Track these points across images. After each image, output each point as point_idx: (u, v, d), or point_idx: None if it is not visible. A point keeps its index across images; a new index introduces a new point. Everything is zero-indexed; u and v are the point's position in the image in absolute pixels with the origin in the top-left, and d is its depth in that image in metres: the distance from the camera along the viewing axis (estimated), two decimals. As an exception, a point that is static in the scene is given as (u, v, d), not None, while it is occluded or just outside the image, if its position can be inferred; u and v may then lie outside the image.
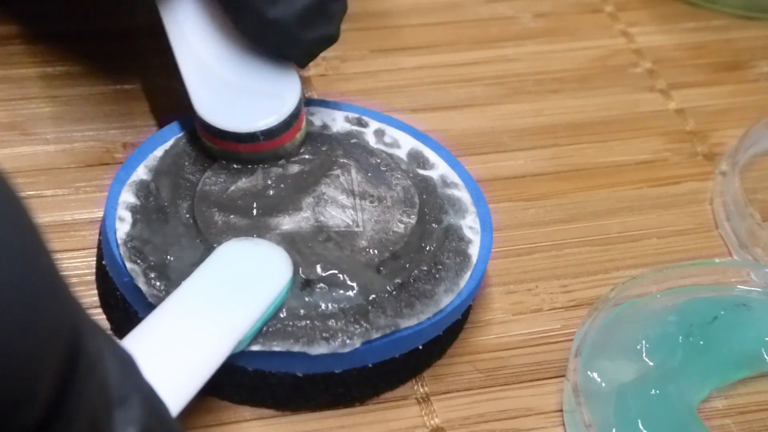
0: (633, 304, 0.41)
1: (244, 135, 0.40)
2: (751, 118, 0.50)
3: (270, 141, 0.40)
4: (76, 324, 0.23)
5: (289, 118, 0.40)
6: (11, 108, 0.46)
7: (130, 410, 0.25)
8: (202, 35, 0.41)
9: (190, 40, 0.41)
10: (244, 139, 0.40)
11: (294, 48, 0.41)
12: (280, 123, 0.40)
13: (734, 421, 0.39)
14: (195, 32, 0.41)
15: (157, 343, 0.33)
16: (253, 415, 0.38)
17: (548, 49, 0.53)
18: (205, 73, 0.41)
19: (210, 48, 0.41)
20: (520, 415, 0.39)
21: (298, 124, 0.41)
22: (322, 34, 0.41)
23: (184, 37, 0.41)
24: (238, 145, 0.40)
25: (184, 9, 0.42)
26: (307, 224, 0.39)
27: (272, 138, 0.40)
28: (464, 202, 0.41)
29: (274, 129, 0.40)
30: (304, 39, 0.40)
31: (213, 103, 0.40)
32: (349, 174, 0.41)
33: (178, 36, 0.41)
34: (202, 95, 0.40)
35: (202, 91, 0.41)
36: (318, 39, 0.41)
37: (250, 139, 0.40)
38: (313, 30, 0.40)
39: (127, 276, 0.37)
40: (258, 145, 0.40)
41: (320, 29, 0.40)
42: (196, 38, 0.41)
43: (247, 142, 0.40)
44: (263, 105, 0.40)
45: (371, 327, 0.37)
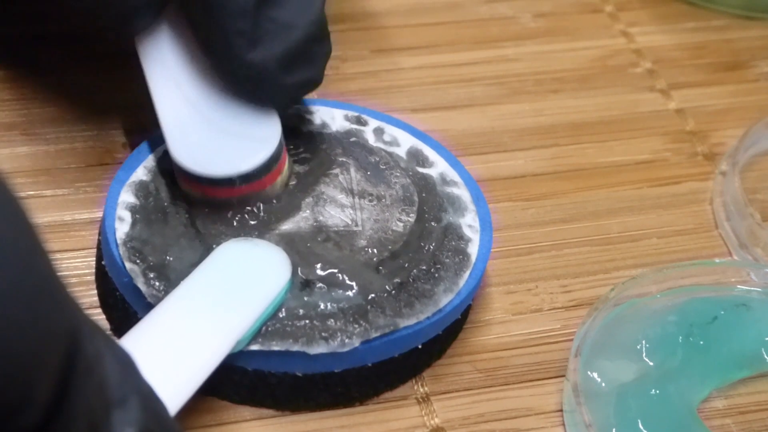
0: (633, 304, 0.41)
1: (219, 179, 0.38)
2: (751, 118, 0.50)
3: (248, 185, 0.39)
4: (75, 325, 0.23)
5: (268, 162, 0.39)
6: (11, 108, 0.46)
7: (128, 411, 0.25)
8: (180, 75, 0.40)
9: (168, 80, 0.40)
10: (219, 183, 0.38)
11: (275, 93, 0.39)
12: (259, 167, 0.39)
13: (734, 421, 0.39)
14: (173, 72, 0.40)
15: (155, 343, 0.33)
16: (253, 415, 0.38)
17: (548, 49, 0.53)
18: (182, 118, 0.39)
19: (188, 89, 0.40)
20: (520, 415, 0.39)
21: (279, 167, 0.39)
22: (304, 78, 0.39)
23: (162, 77, 0.40)
24: (215, 189, 0.39)
25: (163, 49, 0.41)
26: (306, 224, 0.39)
27: (250, 182, 0.39)
28: (464, 200, 0.41)
29: (252, 173, 0.38)
30: (285, 84, 0.39)
31: (190, 148, 0.39)
32: (348, 173, 0.41)
33: (155, 76, 0.40)
34: (178, 141, 0.39)
35: (178, 136, 0.39)
36: (300, 83, 0.39)
37: (226, 184, 0.38)
38: (294, 74, 0.39)
39: (127, 276, 0.37)
40: (235, 189, 0.38)
41: (302, 73, 0.39)
42: (174, 79, 0.40)
43: (223, 186, 0.38)
44: (241, 149, 0.39)
45: (370, 326, 0.37)
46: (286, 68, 0.38)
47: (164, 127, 0.39)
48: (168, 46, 0.41)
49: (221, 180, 0.38)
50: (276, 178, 0.39)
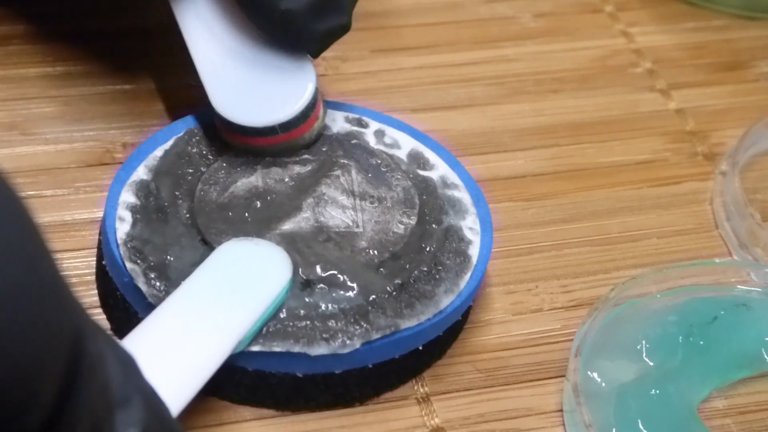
0: (633, 304, 0.41)
1: (262, 129, 0.40)
2: (751, 118, 0.50)
3: (288, 133, 0.40)
4: (78, 326, 0.23)
5: (305, 110, 0.41)
6: (11, 108, 0.46)
7: (131, 411, 0.25)
8: (215, 30, 0.42)
9: (204, 36, 0.42)
10: (263, 133, 0.40)
11: (306, 39, 0.41)
12: (297, 115, 0.40)
13: (734, 421, 0.39)
14: (208, 28, 0.42)
15: (157, 344, 0.33)
16: (253, 415, 0.38)
17: (548, 49, 0.53)
18: (220, 70, 0.41)
19: (224, 43, 0.41)
20: (520, 415, 0.39)
21: (315, 113, 0.41)
22: (334, 24, 0.41)
23: (198, 33, 0.42)
24: (258, 139, 0.40)
25: (197, 4, 0.42)
26: (307, 224, 0.39)
27: (290, 130, 0.40)
28: (464, 203, 0.41)
29: (291, 121, 0.40)
30: (316, 29, 0.40)
31: (230, 99, 0.41)
32: (349, 174, 0.41)
33: (192, 33, 0.42)
34: (219, 93, 0.41)
35: (218, 88, 0.41)
36: (330, 29, 0.41)
37: (269, 133, 0.40)
38: (324, 20, 0.40)
39: (127, 276, 0.37)
40: (277, 137, 0.40)
41: (332, 19, 0.41)
42: (210, 34, 0.42)
43: (267, 135, 0.40)
44: (280, 98, 0.41)
45: (371, 327, 0.37)
46: (316, 15, 0.40)
47: (206, 83, 0.41)
48: (202, 1, 0.42)
49: (263, 129, 0.40)
50: (313, 124, 0.41)
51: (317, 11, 0.40)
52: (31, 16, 0.49)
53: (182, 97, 0.47)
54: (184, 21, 0.42)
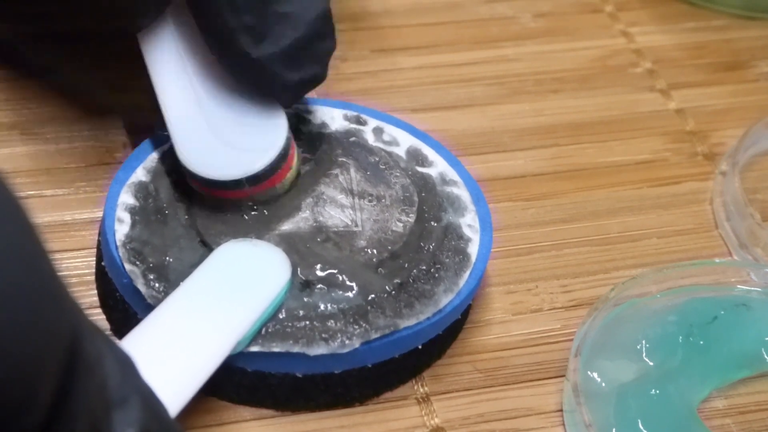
0: (633, 304, 0.41)
1: (229, 183, 0.38)
2: (751, 118, 0.50)
3: (257, 186, 0.39)
4: (76, 326, 0.23)
5: (274, 162, 0.39)
6: (11, 108, 0.46)
7: (129, 411, 0.25)
8: (185, 73, 0.40)
9: (173, 78, 0.40)
10: (228, 186, 0.38)
11: (279, 89, 0.39)
12: (266, 167, 0.39)
13: (734, 421, 0.39)
14: (178, 70, 0.40)
15: (155, 345, 0.33)
16: (253, 415, 0.38)
17: (548, 49, 0.53)
18: (189, 118, 0.39)
19: (194, 87, 0.40)
20: (520, 415, 0.39)
21: (287, 164, 0.39)
22: (308, 74, 0.39)
23: (167, 75, 0.40)
24: (226, 192, 0.39)
25: (167, 46, 0.40)
26: (306, 224, 0.39)
27: (259, 183, 0.39)
28: (463, 200, 0.41)
29: (260, 174, 0.39)
30: (290, 80, 0.39)
31: (197, 150, 0.39)
32: (348, 173, 0.41)
33: (160, 74, 0.40)
34: (185, 143, 0.39)
35: (186, 138, 0.39)
36: (304, 80, 0.39)
37: (234, 186, 0.38)
38: (299, 71, 0.39)
39: (126, 277, 0.37)
40: (244, 191, 0.39)
41: (306, 70, 0.39)
42: (179, 76, 0.40)
43: (232, 189, 0.38)
44: (249, 150, 0.39)
45: (370, 327, 0.37)
46: (291, 64, 0.39)
47: (171, 129, 0.39)
48: (172, 42, 0.41)
49: (230, 183, 0.38)
50: (285, 174, 0.39)
51: (292, 61, 0.39)
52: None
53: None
54: (153, 62, 0.40)
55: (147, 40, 0.41)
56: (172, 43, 0.41)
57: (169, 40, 0.41)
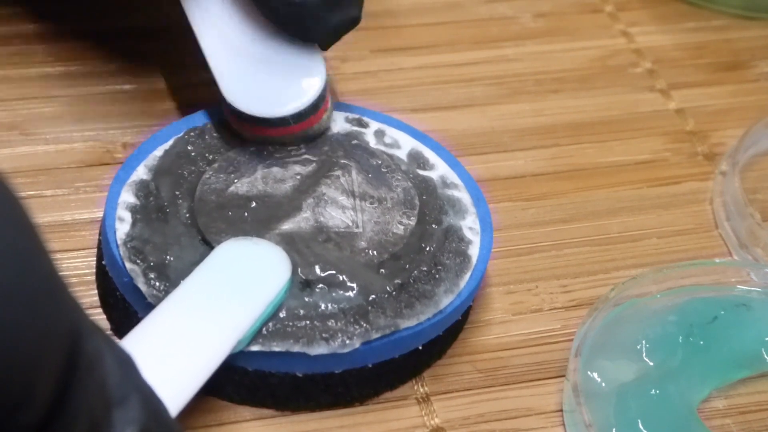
0: (633, 304, 0.41)
1: (274, 120, 0.40)
2: (751, 118, 0.50)
3: (299, 124, 0.41)
4: (75, 325, 0.23)
5: (316, 101, 0.41)
6: (11, 108, 0.46)
7: (129, 410, 0.25)
8: (225, 22, 0.42)
9: (214, 27, 0.42)
10: (274, 123, 0.40)
11: (318, 30, 0.41)
12: (308, 106, 0.41)
13: (734, 421, 0.39)
14: (218, 18, 0.42)
15: (156, 344, 0.33)
16: (253, 415, 0.38)
17: (548, 49, 0.53)
18: (231, 60, 0.41)
19: (235, 34, 0.42)
20: (520, 415, 0.39)
21: (325, 104, 0.41)
22: (345, 16, 0.41)
23: (208, 23, 0.42)
24: (269, 129, 0.41)
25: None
26: (307, 225, 0.39)
27: (302, 121, 0.41)
28: (464, 202, 0.41)
29: (302, 112, 0.41)
30: (328, 21, 0.40)
31: (241, 89, 0.41)
32: (349, 175, 0.41)
33: (201, 25, 0.42)
34: (231, 84, 0.41)
35: (230, 80, 0.41)
36: (342, 21, 0.41)
37: (281, 124, 0.40)
38: (336, 12, 0.40)
39: (127, 276, 0.37)
40: (289, 128, 0.41)
41: (343, 12, 0.41)
42: (220, 26, 0.42)
43: (278, 126, 0.40)
44: (291, 88, 0.41)
45: (371, 327, 0.37)
46: (328, 7, 0.40)
47: (216, 73, 0.41)
48: None
49: (276, 120, 0.40)
50: (322, 115, 0.41)
51: (330, 3, 0.40)
52: (31, 16, 0.49)
53: (182, 97, 0.47)
54: (194, 13, 0.42)
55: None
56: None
57: None
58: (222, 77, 0.41)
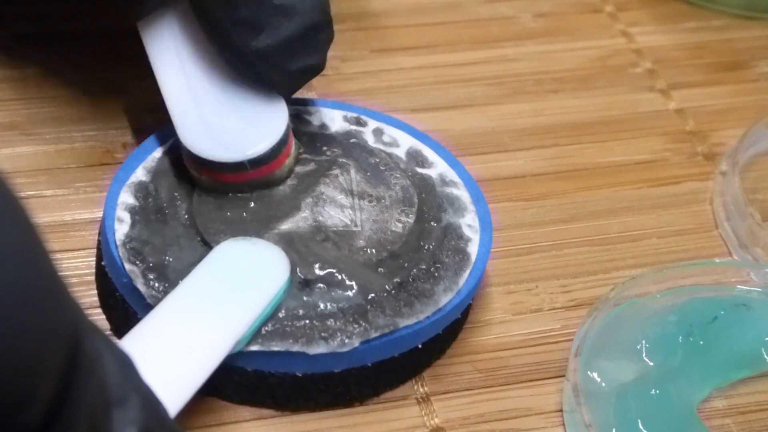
0: (633, 304, 0.41)
1: (230, 165, 0.39)
2: (751, 118, 0.50)
3: (258, 169, 0.39)
4: (75, 325, 0.23)
5: (277, 145, 0.39)
6: (11, 108, 0.46)
7: (128, 410, 0.25)
8: (186, 61, 0.41)
9: (174, 66, 0.40)
10: (229, 168, 0.39)
11: (278, 79, 0.40)
12: (268, 150, 0.39)
13: (734, 421, 0.39)
14: (179, 58, 0.41)
15: (155, 344, 0.33)
16: (253, 415, 0.38)
17: (548, 49, 0.53)
18: (190, 101, 0.40)
19: (196, 75, 0.40)
20: (520, 415, 0.39)
21: (287, 149, 0.40)
22: (307, 64, 0.39)
23: (168, 63, 0.40)
24: (225, 174, 0.39)
25: (168, 35, 0.41)
26: (306, 224, 0.39)
27: (260, 166, 0.39)
28: (463, 200, 0.41)
29: (262, 157, 0.39)
30: (289, 70, 0.39)
31: (199, 132, 0.39)
32: (348, 174, 0.41)
33: (161, 62, 0.40)
34: (187, 126, 0.39)
35: (187, 121, 0.39)
36: (303, 69, 0.40)
37: (236, 169, 0.39)
38: (297, 60, 0.39)
39: (126, 277, 0.37)
40: (245, 174, 0.39)
41: (305, 59, 0.39)
42: (180, 65, 0.40)
43: (233, 171, 0.39)
44: (250, 132, 0.39)
45: (370, 326, 0.37)
46: (289, 55, 0.39)
47: (173, 113, 0.40)
48: (173, 31, 0.41)
49: (232, 165, 0.39)
50: (284, 160, 0.40)
51: (290, 51, 0.39)
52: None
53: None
54: (153, 49, 0.41)
55: (148, 28, 0.41)
56: (173, 31, 0.41)
57: (169, 29, 0.41)
58: (178, 119, 0.39)
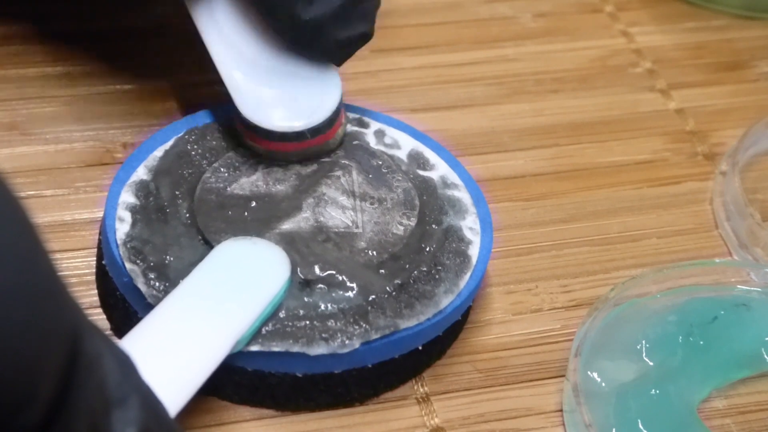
0: (633, 304, 0.41)
1: (291, 134, 0.40)
2: (751, 118, 0.50)
3: (316, 138, 0.40)
4: (75, 325, 0.23)
5: (332, 115, 0.40)
6: (11, 108, 0.46)
7: (128, 410, 0.25)
8: (238, 36, 0.41)
9: (227, 41, 0.41)
10: (291, 138, 0.40)
11: (330, 48, 0.40)
12: (325, 120, 0.40)
13: (734, 421, 0.39)
14: (231, 33, 0.41)
15: (155, 344, 0.33)
16: (253, 415, 0.38)
17: (548, 49, 0.53)
18: (245, 74, 0.41)
19: (248, 48, 0.41)
20: (520, 415, 0.39)
21: (340, 119, 0.41)
22: (357, 32, 0.41)
23: (220, 38, 0.41)
24: (286, 144, 0.40)
25: (219, 10, 0.41)
26: (307, 224, 0.39)
27: (319, 135, 0.40)
28: (464, 203, 0.41)
29: (320, 126, 0.40)
30: (340, 38, 0.40)
31: (256, 103, 0.40)
32: (349, 175, 0.41)
33: (214, 37, 0.41)
34: (244, 96, 0.40)
35: (244, 91, 0.40)
36: (354, 38, 0.41)
37: (298, 138, 0.40)
38: (348, 29, 0.40)
39: (127, 276, 0.37)
40: (304, 143, 0.40)
41: (355, 28, 0.40)
42: (233, 39, 0.41)
43: (295, 140, 0.40)
44: (307, 103, 0.40)
45: (371, 327, 0.37)
46: (340, 24, 0.40)
47: (230, 88, 0.40)
48: (223, 5, 0.41)
49: (293, 135, 0.40)
50: (337, 129, 0.41)
51: (341, 20, 0.40)
52: (31, 17, 0.49)
53: (182, 97, 0.47)
54: (206, 25, 0.41)
55: (198, 4, 0.41)
56: (223, 6, 0.41)
57: (221, 6, 0.41)
58: (236, 90, 0.40)
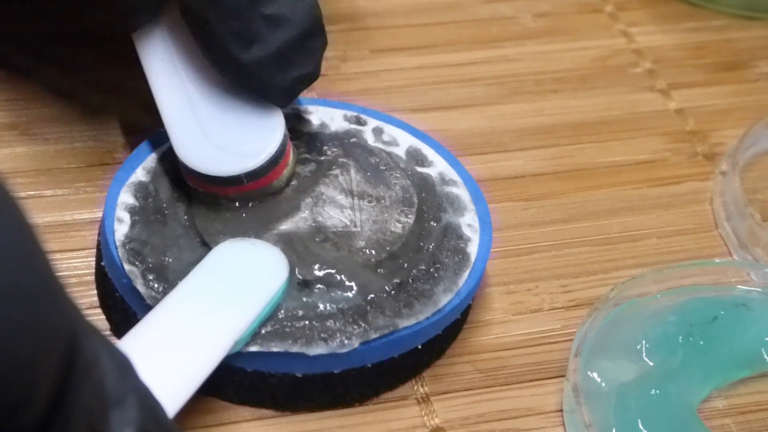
0: (633, 304, 0.41)
1: (228, 179, 0.39)
2: (751, 118, 0.50)
3: (255, 182, 0.39)
4: (73, 326, 0.23)
5: (273, 157, 0.39)
6: (11, 108, 0.46)
7: (126, 411, 0.25)
8: (181, 73, 0.40)
9: (169, 78, 0.40)
10: (227, 182, 0.39)
11: (273, 90, 0.39)
12: (265, 163, 0.39)
13: (734, 421, 0.39)
14: (174, 70, 0.40)
15: (153, 344, 0.33)
16: (253, 416, 0.38)
17: (548, 49, 0.53)
18: (185, 114, 0.40)
19: (189, 86, 0.40)
20: (520, 415, 0.39)
21: (285, 160, 0.40)
22: (301, 73, 0.39)
23: (163, 75, 0.40)
24: (224, 188, 0.39)
25: (162, 47, 0.40)
26: (305, 224, 0.39)
27: (257, 179, 0.39)
28: (463, 199, 0.41)
29: (258, 170, 0.39)
30: (282, 81, 0.39)
31: (195, 147, 0.39)
32: (348, 174, 0.41)
33: (156, 74, 0.40)
34: (183, 140, 0.39)
35: (183, 136, 0.39)
36: (297, 79, 0.39)
37: (234, 183, 0.39)
38: (291, 71, 0.39)
39: (126, 277, 0.37)
40: (243, 187, 0.39)
41: (299, 69, 0.39)
42: (175, 76, 0.40)
43: (231, 185, 0.39)
44: (246, 147, 0.39)
45: (370, 327, 0.37)
46: (282, 66, 0.38)
47: (169, 127, 0.39)
48: (167, 43, 0.41)
49: (229, 179, 0.38)
50: (282, 171, 0.40)
51: (283, 61, 0.38)
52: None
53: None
54: (149, 63, 0.40)
55: (142, 40, 0.41)
56: (167, 43, 0.41)
57: (164, 41, 0.41)
58: (175, 134, 0.39)
